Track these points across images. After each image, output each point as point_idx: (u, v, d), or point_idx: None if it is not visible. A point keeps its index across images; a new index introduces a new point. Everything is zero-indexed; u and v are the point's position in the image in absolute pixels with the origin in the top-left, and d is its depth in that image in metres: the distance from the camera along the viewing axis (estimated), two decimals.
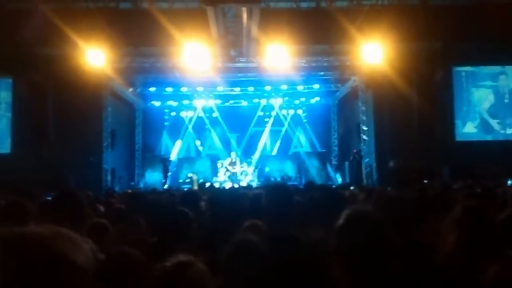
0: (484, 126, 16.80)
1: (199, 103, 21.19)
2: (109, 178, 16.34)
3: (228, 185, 17.16)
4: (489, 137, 16.63)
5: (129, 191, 9.84)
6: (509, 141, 16.37)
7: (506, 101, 16.89)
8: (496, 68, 16.93)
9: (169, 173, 19.78)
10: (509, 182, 11.07)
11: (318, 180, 16.80)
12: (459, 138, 16.61)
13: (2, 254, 0.90)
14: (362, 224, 1.54)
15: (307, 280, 2.10)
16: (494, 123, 16.80)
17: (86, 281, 0.97)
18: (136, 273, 1.73)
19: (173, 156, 20.97)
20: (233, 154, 19.62)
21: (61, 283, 0.92)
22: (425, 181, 11.27)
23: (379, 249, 1.51)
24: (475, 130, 16.80)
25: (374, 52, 14.40)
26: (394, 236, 1.64)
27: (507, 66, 16.87)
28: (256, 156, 21.16)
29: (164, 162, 19.41)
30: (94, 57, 14.07)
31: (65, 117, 15.22)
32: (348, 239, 1.53)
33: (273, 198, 2.90)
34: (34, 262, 0.90)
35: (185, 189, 12.56)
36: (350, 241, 1.52)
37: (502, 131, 16.76)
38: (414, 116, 15.90)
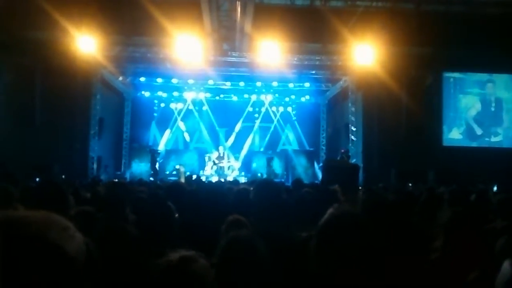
0: (470, 132, 16.99)
1: (189, 96, 21.11)
2: (95, 166, 16.21)
3: (214, 179, 17.14)
4: (474, 144, 16.83)
5: (115, 180, 9.79)
6: (494, 148, 16.60)
7: (492, 109, 17.09)
8: (484, 76, 17.11)
9: (157, 165, 19.51)
10: (494, 188, 11.24)
11: (304, 178, 16.85)
12: (445, 143, 16.79)
13: None
14: (345, 223, 1.55)
15: (295, 278, 2.11)
16: (479, 130, 17.00)
17: (77, 273, 0.94)
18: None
19: (161, 147, 20.89)
20: (221, 148, 19.59)
21: (51, 273, 0.89)
22: (410, 184, 11.37)
23: (361, 249, 1.52)
24: (460, 136, 16.99)
25: (365, 54, 14.46)
26: (379, 238, 1.65)
27: (494, 74, 17.06)
28: (244, 151, 21.20)
29: (153, 153, 19.16)
30: (85, 43, 13.93)
31: (52, 103, 15.05)
32: (329, 237, 1.54)
33: (261, 194, 2.90)
34: (24, 248, 0.87)
35: (171, 181, 12.52)
36: (332, 239, 1.53)
37: (487, 139, 16.97)
38: (403, 119, 16.03)
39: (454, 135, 16.98)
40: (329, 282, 1.51)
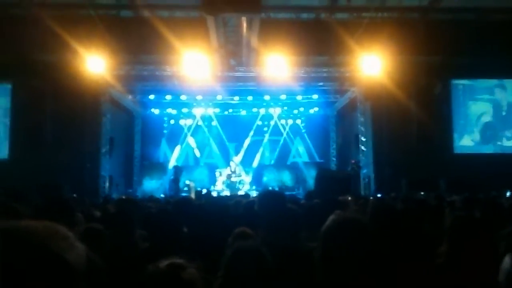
0: (481, 139, 16.84)
1: (198, 112, 21.24)
2: (106, 185, 16.29)
3: (226, 194, 17.12)
4: (486, 150, 16.66)
5: (123, 197, 9.80)
6: (506, 154, 16.41)
7: (503, 113, 16.96)
8: (493, 82, 17.01)
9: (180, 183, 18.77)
10: (508, 193, 11.10)
11: None
12: (456, 150, 16.65)
13: None
14: (347, 229, 1.55)
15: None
16: (491, 136, 16.85)
17: (76, 281, 0.95)
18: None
19: (172, 163, 20.95)
20: (232, 163, 19.62)
21: (50, 281, 0.89)
22: (422, 193, 11.26)
23: (363, 254, 1.51)
24: (472, 143, 16.84)
25: (373, 64, 14.44)
26: (383, 243, 1.64)
27: (504, 80, 16.95)
28: (254, 165, 21.21)
29: (177, 171, 18.78)
30: (94, 64, 14.09)
31: (63, 123, 15.23)
32: (332, 244, 1.54)
33: (265, 204, 2.89)
34: (24, 257, 0.88)
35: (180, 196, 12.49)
36: (334, 245, 1.53)
37: (499, 144, 16.80)
38: (413, 128, 15.94)
39: (465, 142, 16.84)
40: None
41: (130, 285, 1.86)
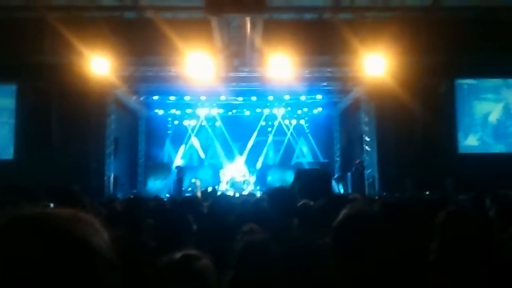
0: (486, 139, 16.77)
1: (202, 112, 21.28)
2: (111, 185, 16.35)
3: (230, 194, 17.15)
4: (491, 150, 16.59)
5: (131, 196, 9.83)
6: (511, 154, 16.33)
7: (511, 112, 16.86)
8: (499, 81, 16.93)
9: (183, 183, 18.83)
10: None
11: None
12: (461, 150, 16.58)
13: (19, 233, 0.92)
14: (358, 221, 1.56)
15: (310, 282, 2.11)
16: (495, 136, 16.77)
17: (103, 266, 0.98)
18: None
19: (177, 162, 21.02)
20: (236, 163, 19.65)
21: (78, 266, 0.93)
22: (427, 193, 11.24)
23: (374, 247, 1.52)
24: (477, 143, 16.77)
25: (377, 64, 14.43)
26: (394, 239, 1.66)
27: (510, 79, 16.88)
28: (258, 165, 21.24)
29: (179, 171, 18.78)
30: (99, 65, 14.14)
31: (68, 124, 15.29)
32: (344, 237, 1.55)
33: (275, 202, 2.91)
34: (53, 242, 0.92)
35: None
36: (346, 238, 1.54)
37: (504, 145, 16.72)
38: (417, 128, 15.91)
39: (470, 142, 16.76)
40: (346, 281, 1.52)
41: (142, 279, 1.89)
